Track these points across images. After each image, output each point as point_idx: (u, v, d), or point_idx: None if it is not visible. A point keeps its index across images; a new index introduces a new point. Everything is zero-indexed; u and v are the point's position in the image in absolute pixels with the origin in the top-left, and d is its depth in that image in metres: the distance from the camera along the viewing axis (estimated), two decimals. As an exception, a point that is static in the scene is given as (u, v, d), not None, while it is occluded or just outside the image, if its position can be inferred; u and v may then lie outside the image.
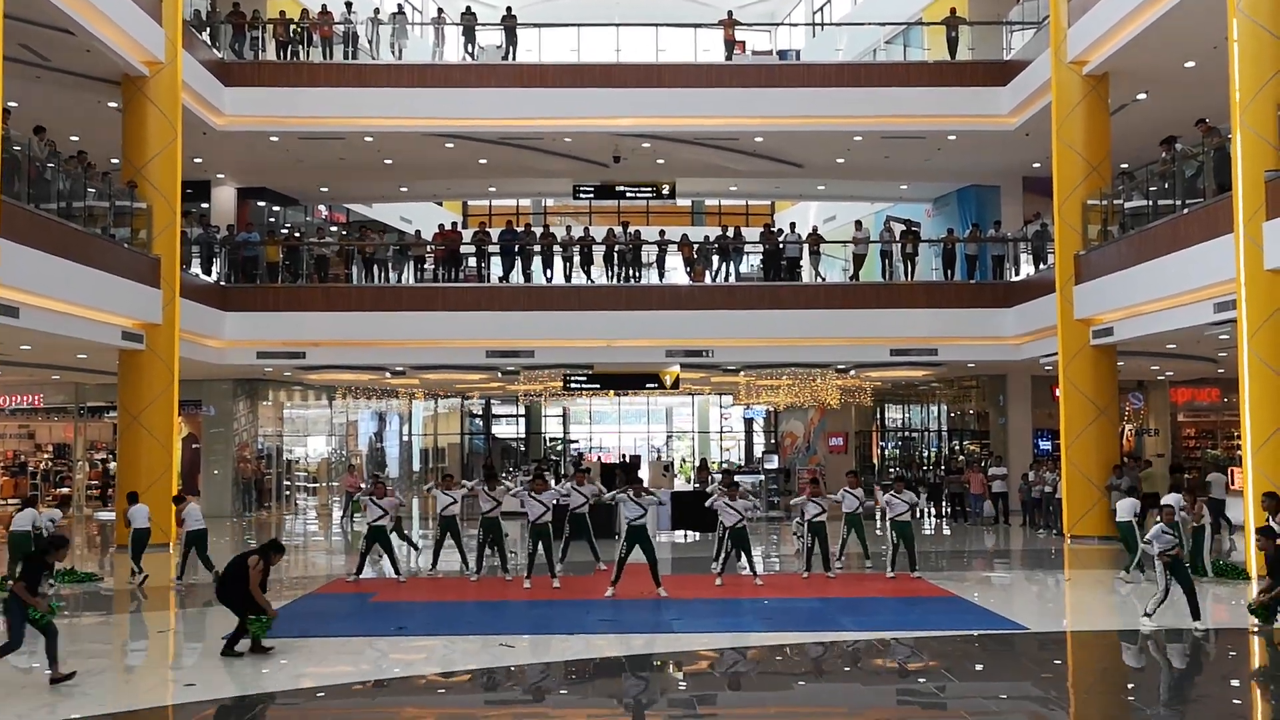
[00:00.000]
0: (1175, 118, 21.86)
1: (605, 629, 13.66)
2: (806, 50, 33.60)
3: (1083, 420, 22.12)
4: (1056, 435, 25.48)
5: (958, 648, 12.45)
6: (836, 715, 10.16)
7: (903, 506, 17.83)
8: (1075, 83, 22.14)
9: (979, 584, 17.64)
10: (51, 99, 22.63)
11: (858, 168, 29.99)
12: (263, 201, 31.81)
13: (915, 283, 27.54)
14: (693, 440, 46.90)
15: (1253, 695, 10.78)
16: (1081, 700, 10.60)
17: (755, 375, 29.90)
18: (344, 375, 30.23)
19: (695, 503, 22.68)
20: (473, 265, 28.54)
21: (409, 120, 25.94)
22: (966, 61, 26.70)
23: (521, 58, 27.90)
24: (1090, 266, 22.06)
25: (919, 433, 38.93)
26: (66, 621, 14.86)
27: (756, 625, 13.87)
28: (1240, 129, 16.94)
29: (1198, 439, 35.35)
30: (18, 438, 33.49)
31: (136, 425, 21.72)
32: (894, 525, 17.80)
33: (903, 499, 17.90)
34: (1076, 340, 22.35)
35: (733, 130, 26.77)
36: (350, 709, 10.39)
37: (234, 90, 25.37)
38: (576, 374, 28.42)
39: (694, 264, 28.33)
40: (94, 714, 9.77)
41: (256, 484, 31.52)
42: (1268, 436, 16.71)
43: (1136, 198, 21.60)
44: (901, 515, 17.82)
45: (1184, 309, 19.43)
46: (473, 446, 44.23)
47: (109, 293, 20.02)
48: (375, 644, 12.87)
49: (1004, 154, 27.52)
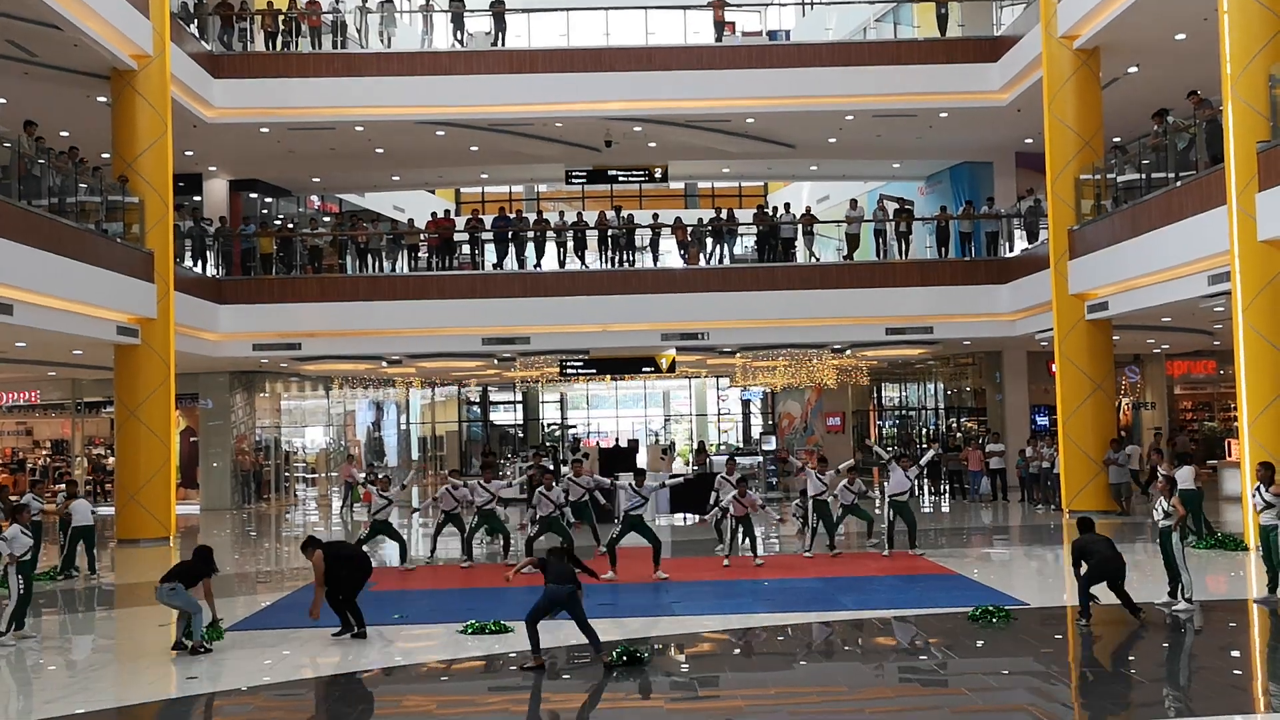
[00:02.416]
0: (1167, 90, 21.83)
1: (605, 613, 13.68)
2: (796, 30, 33.50)
3: (1079, 395, 22.15)
4: (1053, 411, 25.53)
5: (959, 624, 12.49)
6: (838, 694, 10.19)
7: (905, 484, 17.74)
8: (1066, 57, 22.10)
9: (978, 561, 17.68)
10: (40, 95, 22.56)
11: (850, 147, 29.94)
12: (255, 193, 31.75)
13: (910, 261, 27.54)
14: (690, 423, 46.91)
15: (1253, 666, 10.82)
16: (1081, 675, 10.64)
17: (751, 357, 29.93)
18: (340, 365, 30.24)
19: (693, 486, 22.65)
20: (466, 253, 28.51)
21: (399, 109, 25.87)
22: (957, 38, 26.64)
23: (511, 43, 27.81)
24: (1084, 241, 22.06)
25: (916, 411, 38.99)
26: (66, 616, 14.90)
27: (757, 606, 13.89)
28: (1231, 100, 16.92)
29: (1194, 411, 35.44)
30: (15, 435, 33.47)
31: (134, 420, 21.72)
32: (894, 504, 17.70)
33: (908, 476, 17.88)
34: (1072, 315, 22.36)
35: (724, 112, 26.71)
36: (352, 699, 10.42)
37: (223, 82, 25.27)
38: (573, 359, 28.42)
39: (688, 247, 28.32)
40: (97, 709, 9.79)
41: (255, 476, 31.55)
42: (1264, 407, 16.75)
43: (1129, 171, 21.59)
44: (901, 495, 17.71)
45: (1178, 282, 19.45)
46: (471, 434, 44.24)
47: (103, 288, 19.99)
48: (376, 633, 12.88)
49: (996, 130, 27.49)
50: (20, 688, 10.97)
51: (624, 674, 10.59)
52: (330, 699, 10.37)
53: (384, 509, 17.54)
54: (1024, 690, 10.00)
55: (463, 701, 10.27)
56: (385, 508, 17.50)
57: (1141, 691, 9.90)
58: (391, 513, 17.72)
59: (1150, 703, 9.62)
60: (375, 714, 10.03)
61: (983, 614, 12.62)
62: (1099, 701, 9.71)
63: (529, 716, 9.78)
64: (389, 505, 17.54)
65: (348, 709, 10.19)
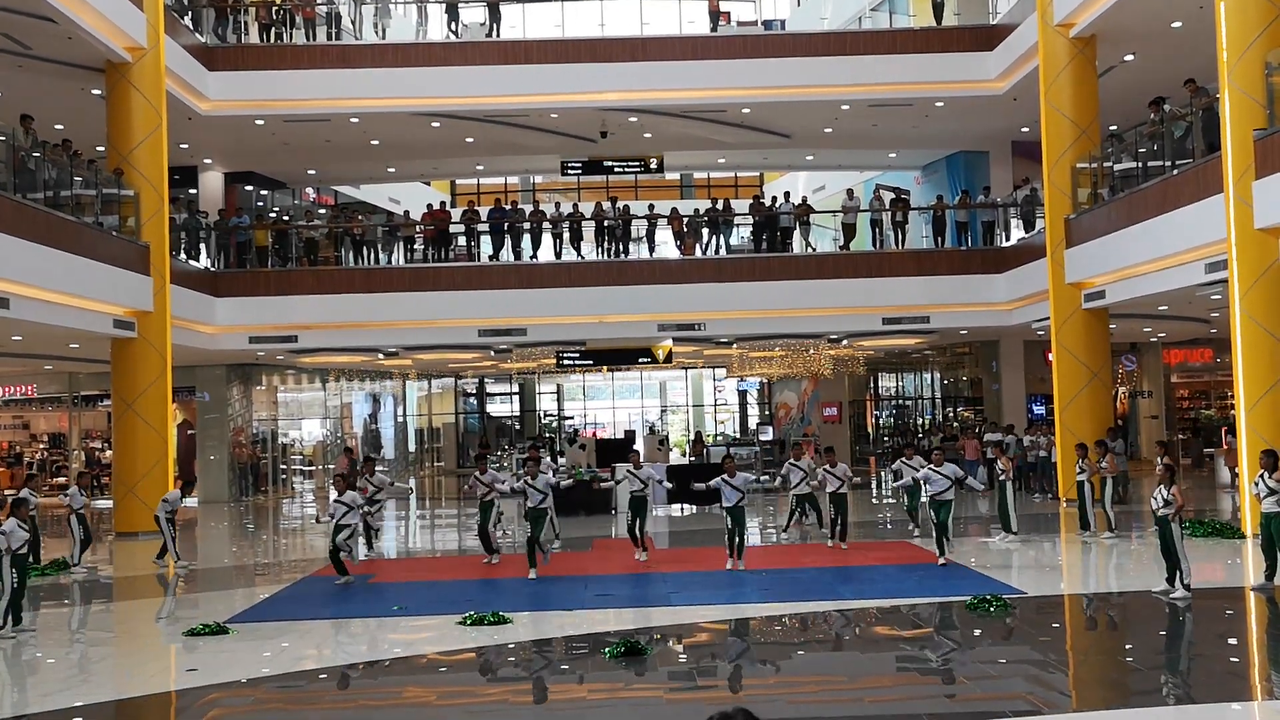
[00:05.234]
0: (1163, 79, 21.82)
1: (603, 604, 13.71)
2: (791, 19, 33.48)
3: (1076, 384, 22.16)
4: (1050, 400, 25.54)
5: (956, 614, 12.51)
6: (836, 684, 10.21)
7: (944, 483, 15.82)
8: (1062, 45, 22.07)
9: (976, 550, 17.69)
10: (35, 87, 22.49)
11: (846, 136, 29.91)
12: (250, 185, 31.70)
13: (906, 251, 27.53)
14: (687, 414, 46.93)
15: (1250, 653, 10.84)
16: (1079, 663, 10.67)
17: (748, 347, 29.92)
18: (337, 358, 30.23)
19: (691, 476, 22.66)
20: (462, 244, 28.48)
21: (394, 100, 25.81)
22: (952, 27, 26.59)
23: (505, 34, 27.77)
24: (1081, 230, 22.06)
25: (913, 400, 39.01)
26: (65, 610, 14.90)
27: (755, 596, 13.91)
28: (1228, 88, 16.90)
29: (1191, 399, 35.47)
30: (12, 428, 33.45)
31: (131, 413, 21.70)
32: (934, 505, 15.86)
33: (943, 472, 15.88)
34: (1068, 304, 22.37)
35: (719, 102, 26.68)
36: (353, 690, 10.43)
37: (218, 74, 25.21)
38: (569, 351, 28.41)
39: (684, 237, 28.30)
40: (96, 701, 9.79)
41: (253, 469, 31.53)
42: (1261, 395, 16.76)
43: (1126, 160, 21.57)
44: (943, 493, 15.77)
45: (1175, 270, 19.44)
46: (468, 426, 44.22)
47: (99, 281, 19.96)
48: (375, 624, 12.91)
49: (992, 119, 27.45)
50: (18, 681, 10.97)
51: (624, 664, 10.60)
52: (330, 690, 10.37)
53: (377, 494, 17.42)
54: (1021, 679, 10.02)
55: (462, 693, 10.28)
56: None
57: (1139, 679, 9.93)
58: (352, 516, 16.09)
59: (1148, 690, 9.64)
60: (375, 706, 10.03)
61: (980, 603, 12.64)
62: (1097, 690, 9.73)
63: (535, 706, 9.80)
64: (350, 511, 15.73)
65: (347, 700, 10.19)
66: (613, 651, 10.79)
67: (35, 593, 14.94)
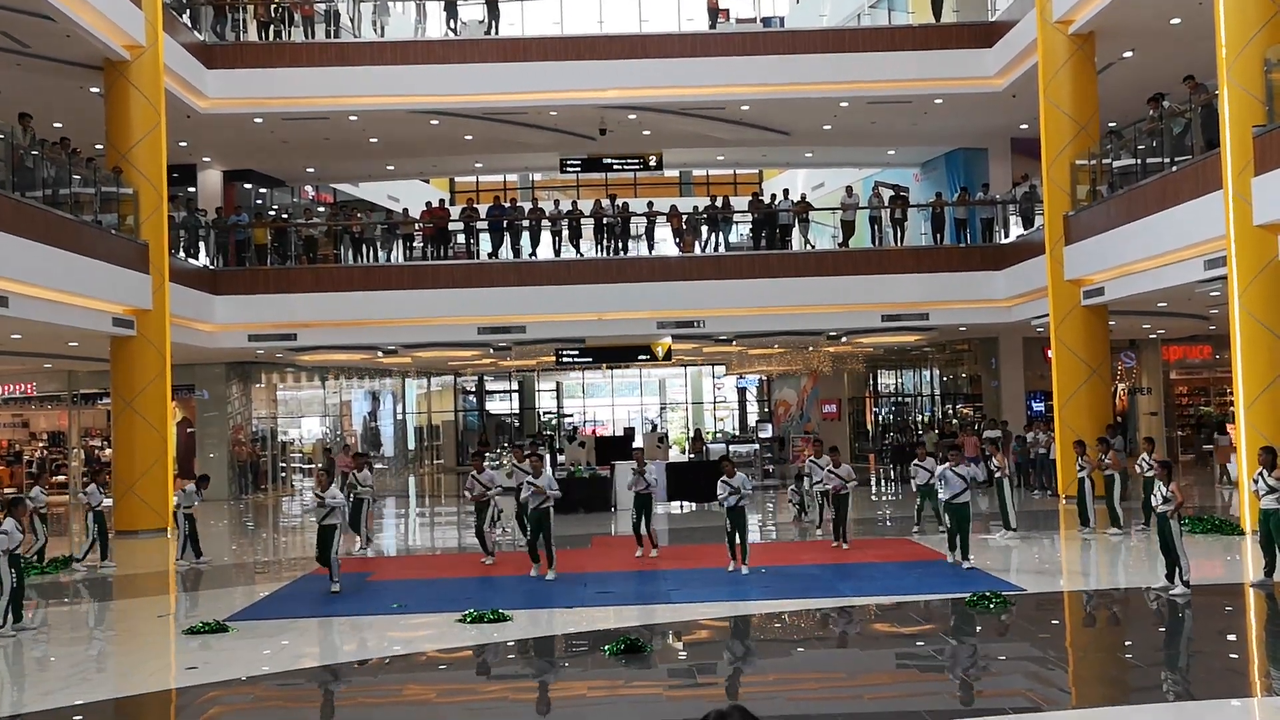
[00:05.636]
0: (1162, 75, 21.82)
1: (603, 601, 13.71)
2: (790, 17, 33.44)
3: (1075, 381, 22.17)
4: (1049, 396, 25.53)
5: (956, 610, 12.51)
6: (836, 680, 10.21)
7: (960, 485, 15.23)
8: (1061, 42, 22.06)
9: (975, 546, 17.65)
10: (33, 86, 22.47)
11: (845, 133, 29.89)
12: (249, 184, 31.69)
13: (905, 248, 27.53)
14: (687, 411, 46.94)
15: (1249, 650, 10.85)
16: (1079, 660, 10.67)
17: (747, 345, 29.92)
18: (336, 355, 30.21)
19: (691, 474, 22.72)
20: (461, 242, 28.46)
21: (393, 98, 25.80)
22: (951, 24, 26.57)
23: (504, 32, 27.74)
24: (1080, 227, 22.05)
25: (912, 397, 39.01)
26: (66, 608, 14.90)
27: (754, 593, 13.91)
28: (1227, 85, 16.90)
29: (1190, 396, 35.46)
30: (11, 426, 33.44)
31: (130, 411, 21.69)
32: (950, 508, 15.39)
33: (960, 473, 15.25)
34: (1067, 301, 22.37)
35: (718, 99, 26.66)
36: (353, 687, 10.43)
37: (216, 72, 25.20)
38: (568, 348, 28.40)
39: (683, 234, 28.29)
40: (96, 699, 9.79)
41: (252, 467, 31.53)
42: (1260, 391, 16.77)
43: (1125, 157, 21.57)
44: (959, 496, 15.21)
45: (1174, 267, 19.44)
46: (467, 423, 44.22)
47: (98, 279, 19.95)
48: (375, 622, 12.90)
49: (991, 116, 27.44)
50: (18, 679, 10.97)
51: (624, 661, 10.60)
52: (330, 688, 10.37)
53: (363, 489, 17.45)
54: (1021, 675, 10.03)
55: (462, 690, 10.28)
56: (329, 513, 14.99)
57: (1139, 676, 9.93)
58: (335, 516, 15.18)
59: (1148, 687, 9.65)
60: (374, 703, 10.04)
61: (979, 600, 12.63)
62: (1096, 686, 9.74)
63: (535, 703, 9.80)
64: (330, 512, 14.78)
65: (347, 698, 10.20)
66: (612, 649, 10.79)
67: (42, 590, 14.96)
